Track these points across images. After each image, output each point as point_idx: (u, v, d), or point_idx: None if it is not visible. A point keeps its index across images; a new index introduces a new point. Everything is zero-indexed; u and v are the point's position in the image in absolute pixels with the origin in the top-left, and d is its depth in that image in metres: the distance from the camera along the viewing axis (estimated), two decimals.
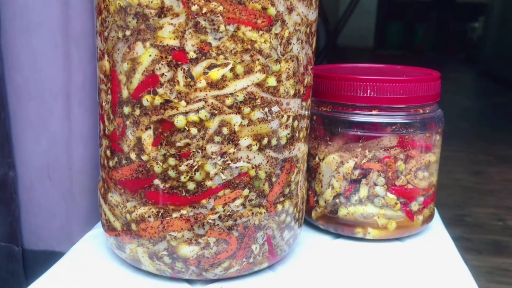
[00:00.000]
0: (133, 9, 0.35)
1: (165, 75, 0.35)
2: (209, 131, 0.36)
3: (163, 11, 0.34)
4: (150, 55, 0.35)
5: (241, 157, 0.37)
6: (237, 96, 0.36)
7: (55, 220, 0.62)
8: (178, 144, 0.36)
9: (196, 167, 0.37)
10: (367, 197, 0.48)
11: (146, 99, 0.36)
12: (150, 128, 0.37)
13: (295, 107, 0.40)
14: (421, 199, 0.49)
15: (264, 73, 0.37)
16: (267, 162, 0.39)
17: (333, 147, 0.48)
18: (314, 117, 0.49)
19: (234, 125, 0.36)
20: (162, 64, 0.35)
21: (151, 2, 0.34)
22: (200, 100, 0.35)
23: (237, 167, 0.37)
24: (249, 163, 0.38)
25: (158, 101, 0.36)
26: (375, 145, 0.47)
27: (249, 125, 0.37)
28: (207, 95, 0.35)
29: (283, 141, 0.39)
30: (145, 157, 0.37)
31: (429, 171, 0.49)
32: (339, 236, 0.51)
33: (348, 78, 0.47)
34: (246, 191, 0.38)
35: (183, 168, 0.37)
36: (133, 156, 0.38)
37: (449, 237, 0.52)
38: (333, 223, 0.50)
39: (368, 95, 0.46)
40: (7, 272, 0.63)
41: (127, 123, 0.37)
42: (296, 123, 0.40)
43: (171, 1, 0.34)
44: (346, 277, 0.43)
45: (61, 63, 0.58)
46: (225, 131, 0.36)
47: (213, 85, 0.35)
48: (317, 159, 0.49)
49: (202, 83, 0.35)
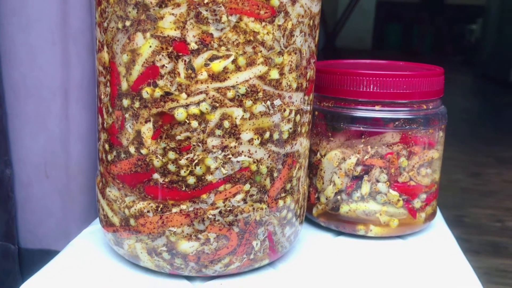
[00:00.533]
0: None
1: (166, 67, 0.34)
2: (210, 124, 0.35)
3: (164, 1, 0.34)
4: (150, 46, 0.34)
5: (243, 151, 0.37)
6: (239, 88, 0.35)
7: (52, 218, 0.62)
8: (178, 137, 0.36)
9: (196, 161, 0.36)
10: (369, 194, 0.47)
11: (146, 91, 0.35)
12: (149, 121, 0.36)
13: (298, 101, 0.39)
14: (424, 196, 0.48)
15: (266, 65, 0.36)
16: (269, 156, 0.38)
17: (335, 143, 0.48)
18: (316, 113, 0.49)
19: (235, 119, 0.36)
20: (162, 55, 0.34)
21: None
22: (201, 92, 0.35)
23: (238, 162, 0.37)
24: (250, 157, 0.37)
25: (158, 93, 0.35)
26: (378, 141, 0.47)
27: (251, 119, 0.36)
28: (208, 87, 0.35)
29: (285, 136, 0.39)
30: (144, 151, 0.37)
31: (432, 168, 0.49)
32: (340, 233, 0.50)
33: (350, 73, 0.46)
34: (247, 186, 0.38)
35: (183, 162, 0.36)
36: (132, 149, 0.37)
37: (452, 235, 0.51)
38: (335, 220, 0.49)
39: (371, 90, 0.45)
40: (3, 271, 0.62)
41: (126, 116, 0.37)
42: (298, 117, 0.40)
43: None
44: (347, 275, 0.43)
45: (59, 60, 0.57)
46: (226, 124, 0.36)
47: (214, 77, 0.35)
48: (318, 155, 0.49)
49: (203, 75, 0.34)
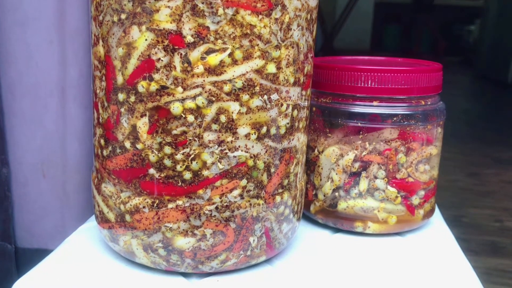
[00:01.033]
0: None
1: (161, 60, 0.34)
2: (206, 118, 0.35)
3: None
4: (146, 40, 0.34)
5: (239, 146, 0.36)
6: (236, 82, 0.35)
7: (48, 217, 0.61)
8: (174, 132, 0.35)
9: (192, 156, 0.36)
10: (367, 190, 0.47)
11: (141, 85, 0.35)
12: (145, 115, 0.36)
13: (295, 96, 0.39)
14: (422, 192, 0.48)
15: (263, 59, 0.36)
16: (266, 151, 0.38)
17: (332, 139, 0.47)
18: (313, 109, 0.48)
19: (232, 113, 0.35)
20: (158, 48, 0.34)
21: None
22: (197, 86, 0.34)
23: (235, 157, 0.36)
24: (247, 152, 0.37)
25: (154, 87, 0.35)
26: (376, 137, 0.46)
27: (248, 113, 0.36)
28: (204, 81, 0.34)
29: (282, 131, 0.38)
30: (140, 146, 0.36)
31: (430, 164, 0.48)
32: (338, 230, 0.50)
33: (348, 68, 0.46)
34: (244, 182, 0.37)
35: (179, 157, 0.36)
36: (127, 144, 0.37)
37: (450, 232, 0.51)
38: (332, 217, 0.49)
39: (369, 86, 0.45)
40: (0, 270, 0.61)
41: (122, 110, 0.36)
42: (295, 112, 0.39)
43: None
44: (345, 272, 0.42)
45: (56, 59, 0.57)
46: (223, 119, 0.35)
47: (210, 70, 0.34)
48: (316, 151, 0.49)
49: (199, 69, 0.34)
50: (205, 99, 0.35)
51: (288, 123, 0.39)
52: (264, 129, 0.37)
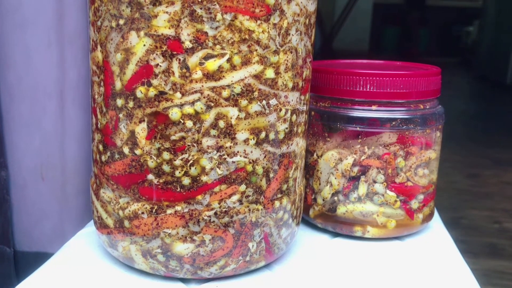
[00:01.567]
0: None
1: (160, 66, 0.34)
2: (205, 124, 0.35)
3: None
4: (144, 45, 0.34)
5: (238, 152, 0.36)
6: (234, 88, 0.35)
7: (47, 221, 0.61)
8: (172, 137, 0.35)
9: (191, 162, 0.36)
10: (366, 194, 0.47)
11: (140, 91, 0.35)
12: (144, 121, 0.35)
13: (294, 101, 0.39)
14: (421, 197, 0.48)
15: (262, 64, 0.35)
16: (265, 157, 0.38)
17: (331, 144, 0.47)
18: (312, 113, 0.48)
19: (230, 118, 0.35)
20: (156, 54, 0.34)
21: None
22: (195, 91, 0.34)
23: (233, 162, 0.36)
24: (246, 157, 0.37)
25: (152, 92, 0.35)
26: (375, 141, 0.46)
27: (246, 118, 0.36)
28: (203, 86, 0.34)
29: (281, 136, 0.38)
30: (138, 151, 0.36)
31: (429, 169, 0.48)
32: (337, 235, 0.50)
33: (347, 72, 0.46)
34: (242, 187, 0.37)
35: (177, 162, 0.36)
36: (126, 150, 0.37)
37: (449, 236, 0.51)
38: (331, 222, 0.48)
39: (367, 90, 0.45)
40: None
41: (120, 116, 0.36)
42: (294, 117, 0.39)
43: None
44: (344, 277, 0.42)
45: (55, 61, 0.57)
46: (222, 124, 0.35)
47: (209, 76, 0.34)
48: (315, 156, 0.48)
49: (198, 74, 0.34)
50: (203, 105, 0.35)
51: (287, 128, 0.39)
52: (263, 134, 0.37)
